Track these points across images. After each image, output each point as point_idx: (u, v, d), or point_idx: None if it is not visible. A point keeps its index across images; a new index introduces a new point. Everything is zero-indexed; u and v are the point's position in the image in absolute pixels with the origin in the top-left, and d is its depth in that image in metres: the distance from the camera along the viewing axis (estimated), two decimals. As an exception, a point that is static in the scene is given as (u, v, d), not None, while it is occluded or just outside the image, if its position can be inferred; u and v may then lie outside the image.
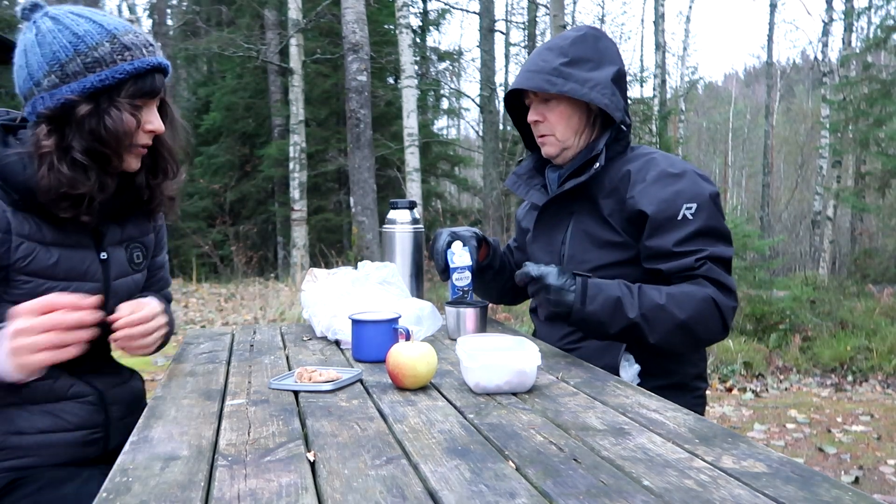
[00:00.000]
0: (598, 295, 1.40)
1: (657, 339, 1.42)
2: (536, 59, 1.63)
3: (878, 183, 10.58)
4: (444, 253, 1.73)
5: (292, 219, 11.47)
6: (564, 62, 1.58)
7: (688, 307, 1.42)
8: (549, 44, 1.66)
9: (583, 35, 1.64)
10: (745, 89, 34.62)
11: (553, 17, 7.20)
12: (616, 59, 1.64)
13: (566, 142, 1.66)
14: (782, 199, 20.76)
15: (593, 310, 1.39)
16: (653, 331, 1.41)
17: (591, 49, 1.61)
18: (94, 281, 1.30)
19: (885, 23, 10.12)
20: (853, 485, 2.54)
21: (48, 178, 1.17)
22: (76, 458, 1.30)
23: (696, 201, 1.49)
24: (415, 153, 8.59)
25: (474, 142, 17.39)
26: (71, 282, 1.25)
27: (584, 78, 1.58)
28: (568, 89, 1.57)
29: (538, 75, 1.60)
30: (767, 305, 6.65)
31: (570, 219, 1.67)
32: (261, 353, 1.53)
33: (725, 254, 1.49)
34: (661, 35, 14.94)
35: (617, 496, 0.75)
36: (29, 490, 1.22)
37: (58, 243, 1.24)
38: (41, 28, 1.21)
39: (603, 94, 1.57)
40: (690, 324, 1.42)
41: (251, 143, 14.78)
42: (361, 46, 7.01)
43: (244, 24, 13.52)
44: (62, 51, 1.18)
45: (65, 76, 1.18)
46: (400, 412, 1.08)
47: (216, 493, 0.77)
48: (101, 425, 1.33)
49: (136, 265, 1.41)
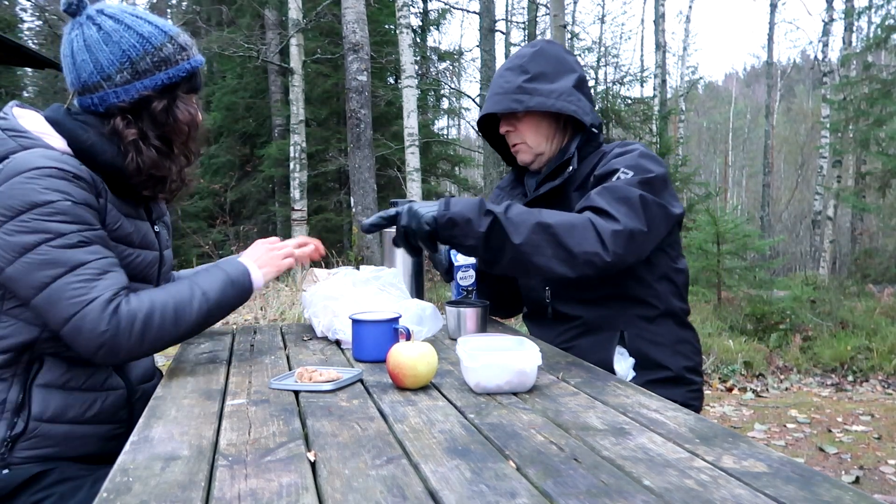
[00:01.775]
0: (461, 201, 1.38)
1: (521, 238, 1.35)
2: (500, 80, 1.70)
3: (879, 183, 10.57)
4: (448, 252, 1.75)
5: (293, 219, 11.47)
6: (526, 79, 1.66)
7: (558, 216, 1.39)
8: (508, 64, 1.72)
9: (538, 50, 1.71)
10: (746, 89, 34.62)
11: (553, 16, 7.20)
12: (575, 66, 1.71)
13: (538, 147, 1.72)
14: (782, 198, 20.77)
15: (458, 209, 1.35)
16: (517, 230, 1.35)
17: (549, 62, 1.68)
18: (155, 250, 1.46)
19: (886, 22, 10.10)
20: (854, 485, 2.54)
21: (136, 161, 1.32)
22: (99, 451, 1.34)
23: (634, 170, 1.52)
24: (415, 153, 8.59)
25: (474, 142, 17.41)
26: (142, 250, 1.40)
27: (547, 90, 1.65)
28: (534, 104, 1.65)
29: (504, 97, 1.67)
30: (768, 305, 6.65)
31: None
32: (261, 353, 1.54)
33: (628, 192, 1.45)
34: (662, 35, 14.94)
35: (617, 496, 0.75)
36: (49, 484, 1.26)
37: (130, 215, 1.38)
38: (104, 26, 1.32)
39: (569, 101, 1.65)
40: (558, 229, 1.37)
41: (251, 143, 14.79)
42: (362, 46, 7.01)
43: (244, 24, 13.52)
44: (132, 49, 1.31)
45: (136, 73, 1.32)
46: (400, 412, 1.08)
47: (216, 493, 0.77)
48: (126, 421, 1.39)
49: (169, 241, 1.58)
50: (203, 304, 1.31)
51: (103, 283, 1.21)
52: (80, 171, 1.26)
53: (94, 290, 1.20)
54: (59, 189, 1.21)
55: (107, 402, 1.35)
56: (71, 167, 1.25)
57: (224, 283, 1.35)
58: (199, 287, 1.32)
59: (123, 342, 1.21)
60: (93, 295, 1.19)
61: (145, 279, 1.42)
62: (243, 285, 1.39)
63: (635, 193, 1.45)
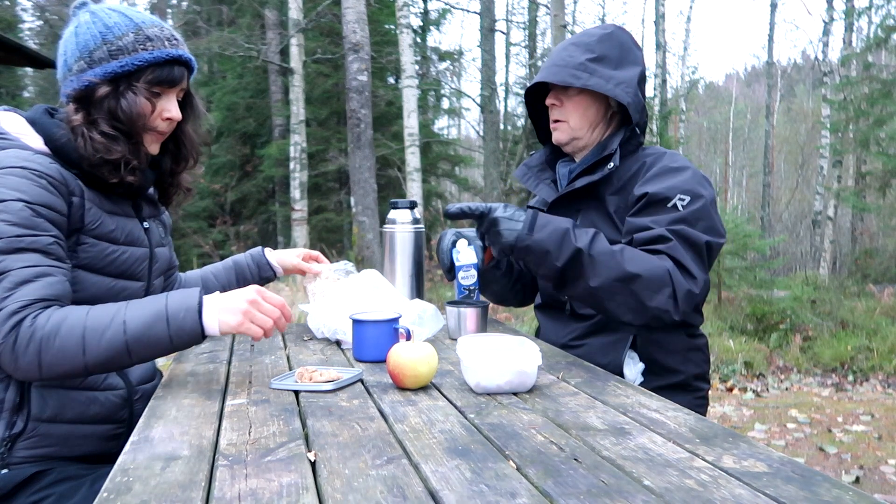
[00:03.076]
0: (548, 225, 1.37)
1: (599, 282, 1.35)
2: (562, 53, 1.63)
3: (879, 183, 10.58)
4: (450, 252, 1.73)
5: (293, 219, 11.47)
6: (590, 58, 1.59)
7: (640, 265, 1.38)
8: (575, 39, 1.65)
9: (609, 34, 1.64)
10: (746, 89, 34.60)
11: (553, 16, 7.20)
12: (639, 59, 1.64)
13: (578, 131, 1.65)
14: (783, 198, 20.76)
15: (540, 237, 1.35)
16: (596, 272, 1.35)
17: (617, 48, 1.62)
18: (144, 247, 1.43)
19: (886, 22, 10.11)
20: (854, 484, 2.54)
21: (84, 146, 1.29)
22: (99, 451, 1.34)
23: (691, 195, 1.48)
24: (415, 153, 8.59)
25: (475, 141, 17.39)
26: (128, 246, 1.38)
27: (608, 75, 1.58)
28: (592, 83, 1.57)
29: (563, 69, 1.60)
30: (768, 305, 6.65)
31: (577, 217, 1.66)
32: (261, 353, 1.54)
33: (700, 237, 1.45)
34: (662, 35, 14.92)
35: (618, 496, 0.75)
36: (48, 484, 1.25)
37: (113, 212, 1.36)
38: (80, 21, 1.34)
39: (627, 92, 1.58)
40: (637, 282, 1.36)
41: (252, 143, 14.79)
42: (362, 46, 7.01)
43: (245, 24, 13.52)
44: (92, 40, 1.31)
45: (91, 62, 1.31)
46: (400, 412, 1.08)
47: (217, 493, 0.77)
48: (125, 421, 1.38)
49: (163, 238, 1.54)
50: (118, 336, 1.14)
51: (18, 294, 1.12)
52: (49, 170, 1.23)
53: (5, 301, 1.11)
54: (15, 188, 1.18)
55: (106, 402, 1.35)
56: (39, 165, 1.22)
57: (154, 316, 1.16)
58: (124, 315, 1.16)
59: (20, 359, 1.11)
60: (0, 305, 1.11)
61: (133, 276, 1.39)
62: (183, 326, 1.17)
63: (703, 241, 1.45)
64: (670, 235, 1.44)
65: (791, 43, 61.11)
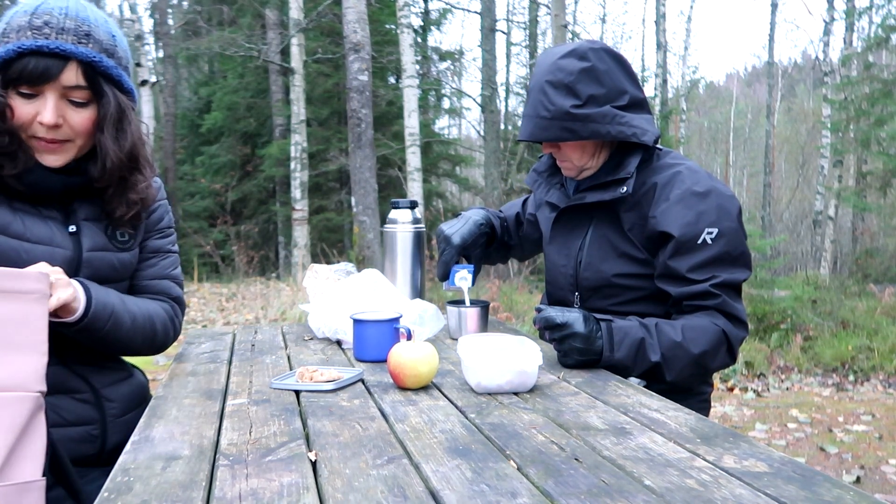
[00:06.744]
0: (624, 340, 1.40)
1: (674, 376, 1.43)
2: (542, 98, 1.52)
3: (880, 182, 10.58)
4: (451, 273, 1.76)
5: (293, 218, 11.48)
6: (575, 105, 1.49)
7: (702, 342, 1.43)
8: (550, 76, 1.52)
9: (589, 68, 1.50)
10: (747, 89, 34.59)
11: (554, 16, 7.20)
12: (626, 82, 1.54)
13: (583, 165, 1.62)
14: (783, 198, 20.75)
15: (621, 357, 1.40)
16: (671, 370, 1.42)
17: (599, 81, 1.51)
18: (64, 249, 1.29)
19: (887, 22, 10.12)
20: (854, 484, 2.54)
21: None
22: (74, 454, 1.28)
23: (718, 226, 1.45)
24: (416, 153, 8.59)
25: (475, 141, 17.40)
26: (39, 245, 1.25)
27: (600, 115, 1.50)
28: (588, 134, 1.50)
29: (552, 123, 1.51)
30: (769, 305, 6.65)
31: (590, 224, 1.64)
32: (262, 353, 1.54)
33: (738, 278, 1.48)
34: (663, 34, 14.92)
35: (618, 496, 0.75)
36: None
37: (25, 212, 1.25)
38: None
39: (622, 124, 1.51)
40: (704, 358, 1.44)
41: (252, 143, 14.80)
42: (363, 46, 7.01)
43: (245, 24, 13.53)
44: None
45: None
46: (401, 412, 1.08)
47: (217, 493, 0.77)
48: (98, 422, 1.32)
49: (121, 243, 1.38)
50: None
51: None
52: None
53: None
54: None
55: (72, 405, 1.29)
56: None
57: None
58: None
59: None
60: None
61: None
62: None
63: (743, 279, 1.49)
64: (717, 292, 1.45)
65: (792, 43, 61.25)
